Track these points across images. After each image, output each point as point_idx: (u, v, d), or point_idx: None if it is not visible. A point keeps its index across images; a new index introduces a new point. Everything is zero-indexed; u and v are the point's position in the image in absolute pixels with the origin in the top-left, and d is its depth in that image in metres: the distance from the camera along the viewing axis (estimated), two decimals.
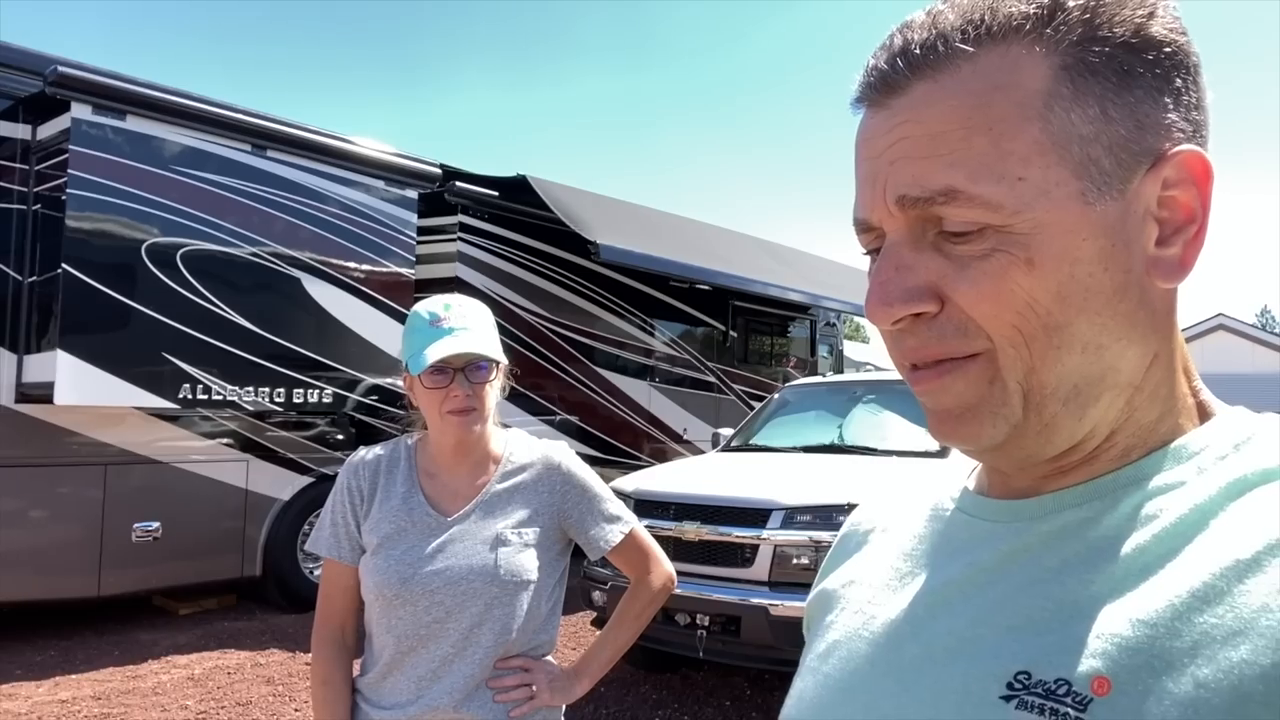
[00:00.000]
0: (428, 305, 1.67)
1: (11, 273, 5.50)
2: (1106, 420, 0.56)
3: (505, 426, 1.80)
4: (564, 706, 1.71)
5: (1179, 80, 0.54)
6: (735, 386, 10.50)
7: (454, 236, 7.64)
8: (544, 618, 1.68)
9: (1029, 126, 0.52)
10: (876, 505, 0.78)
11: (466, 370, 1.62)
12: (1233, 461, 0.53)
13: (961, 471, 0.70)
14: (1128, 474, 0.56)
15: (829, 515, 4.41)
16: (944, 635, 0.57)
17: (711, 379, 10.22)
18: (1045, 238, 0.52)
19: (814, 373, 11.49)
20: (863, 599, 0.67)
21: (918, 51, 0.54)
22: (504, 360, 1.69)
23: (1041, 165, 0.52)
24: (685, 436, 9.68)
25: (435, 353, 1.58)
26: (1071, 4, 0.52)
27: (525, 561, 1.64)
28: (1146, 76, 0.53)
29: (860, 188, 0.58)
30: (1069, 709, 0.48)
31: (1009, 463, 0.59)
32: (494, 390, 1.69)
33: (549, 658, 1.73)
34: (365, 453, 1.74)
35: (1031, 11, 0.52)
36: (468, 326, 1.63)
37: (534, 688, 1.64)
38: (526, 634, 1.65)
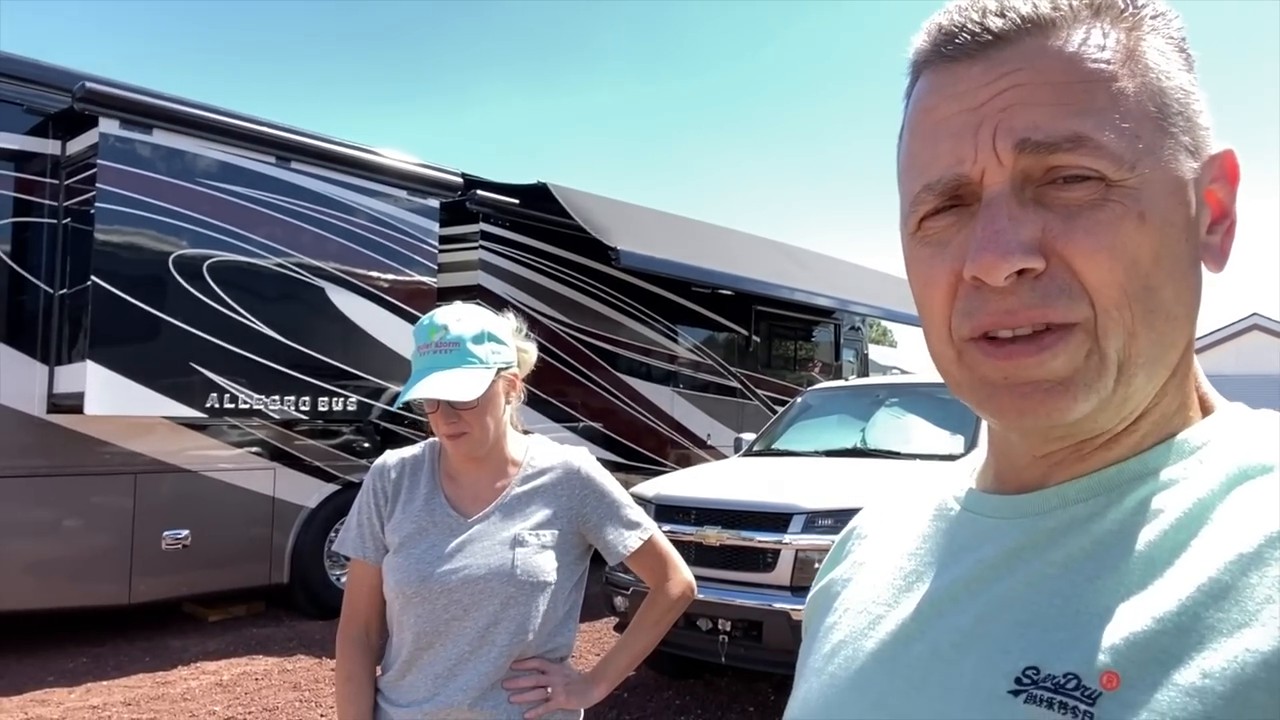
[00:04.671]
0: (424, 326, 1.66)
1: (42, 285, 5.61)
2: (1145, 401, 0.56)
3: (527, 432, 1.82)
4: (581, 711, 1.71)
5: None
6: (759, 392, 10.47)
7: (476, 245, 7.69)
8: (560, 620, 1.69)
9: (1143, 91, 0.54)
10: (879, 506, 0.78)
11: (451, 401, 1.61)
12: (1233, 457, 0.54)
13: (964, 469, 0.69)
14: (1132, 468, 0.56)
15: (850, 519, 4.39)
16: (951, 632, 0.57)
17: (735, 384, 10.20)
18: (1153, 195, 0.53)
19: (839, 377, 11.42)
20: (867, 599, 0.67)
21: (1028, 9, 0.54)
22: (484, 389, 1.61)
23: (1152, 127, 0.53)
24: (709, 442, 9.67)
25: (411, 393, 1.59)
26: (1150, 3, 0.56)
27: (542, 563, 1.65)
28: (1196, 76, 0.57)
29: (945, 141, 0.56)
30: (1078, 703, 0.48)
31: (1068, 439, 0.57)
32: (495, 406, 1.67)
33: (566, 662, 1.74)
34: (391, 456, 1.78)
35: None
36: (451, 354, 1.61)
37: (549, 690, 1.65)
38: (542, 636, 1.66)
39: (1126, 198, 0.52)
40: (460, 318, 1.66)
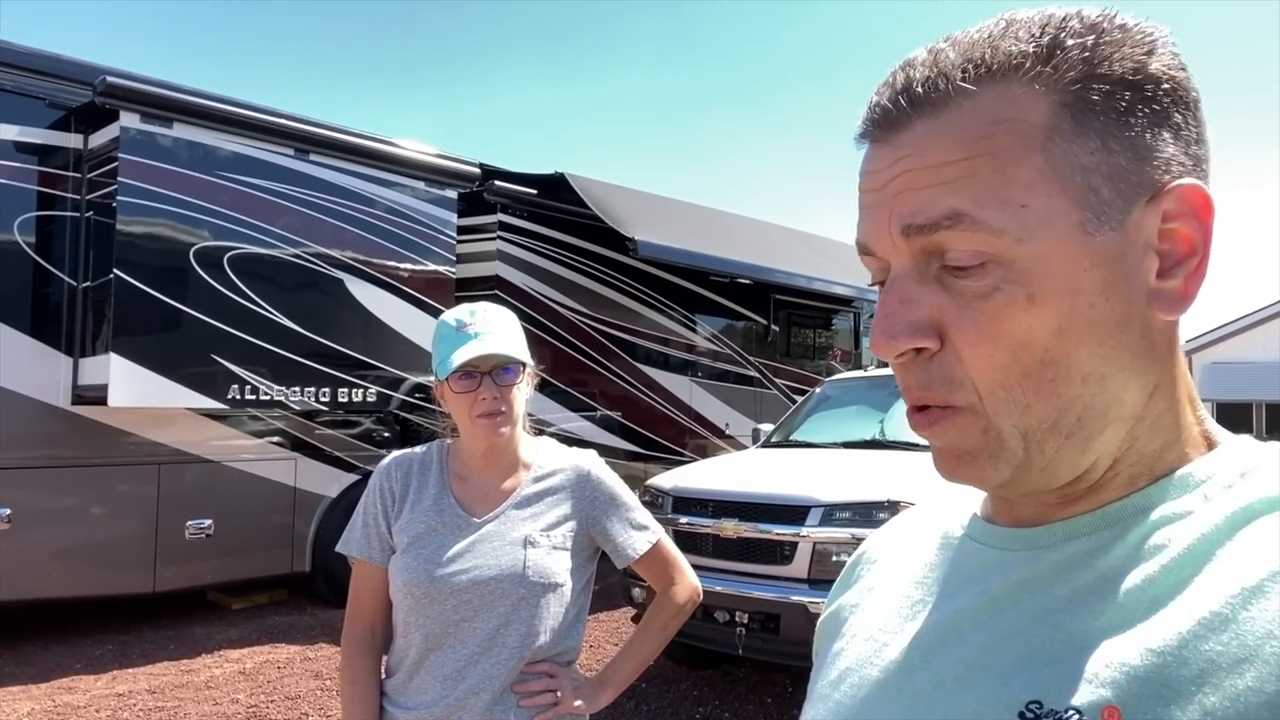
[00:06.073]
0: (454, 313, 1.70)
1: (66, 278, 5.68)
2: (1109, 451, 0.56)
3: (538, 433, 1.82)
4: (588, 717, 1.71)
5: (1178, 115, 0.55)
6: (778, 381, 10.44)
7: (494, 235, 7.70)
8: (570, 623, 1.69)
9: (1031, 156, 0.53)
10: (887, 533, 0.78)
11: (493, 374, 1.64)
12: (1238, 490, 0.53)
13: (971, 498, 0.70)
14: (1135, 502, 0.56)
15: (868, 512, 4.37)
16: (955, 663, 0.58)
17: (754, 373, 10.17)
18: (1047, 270, 0.53)
19: (858, 366, 11.37)
20: (874, 627, 0.68)
21: (919, 90, 0.55)
22: (530, 363, 1.71)
23: (1044, 194, 0.52)
24: (728, 431, 9.65)
25: (461, 356, 1.60)
26: (1071, 43, 0.53)
27: (554, 564, 1.65)
28: (1146, 111, 0.54)
29: (864, 218, 0.59)
30: None
31: (1017, 494, 0.59)
32: (522, 393, 1.70)
33: (573, 665, 1.73)
34: (398, 455, 1.77)
35: (1031, 50, 0.53)
36: (493, 331, 1.65)
37: (559, 694, 1.65)
38: (552, 638, 1.65)
39: (1016, 281, 0.53)
40: (489, 308, 1.72)
